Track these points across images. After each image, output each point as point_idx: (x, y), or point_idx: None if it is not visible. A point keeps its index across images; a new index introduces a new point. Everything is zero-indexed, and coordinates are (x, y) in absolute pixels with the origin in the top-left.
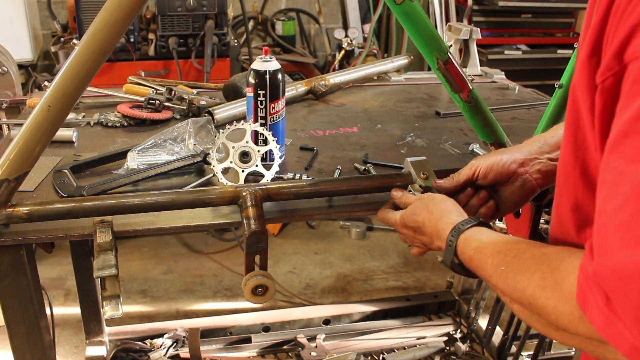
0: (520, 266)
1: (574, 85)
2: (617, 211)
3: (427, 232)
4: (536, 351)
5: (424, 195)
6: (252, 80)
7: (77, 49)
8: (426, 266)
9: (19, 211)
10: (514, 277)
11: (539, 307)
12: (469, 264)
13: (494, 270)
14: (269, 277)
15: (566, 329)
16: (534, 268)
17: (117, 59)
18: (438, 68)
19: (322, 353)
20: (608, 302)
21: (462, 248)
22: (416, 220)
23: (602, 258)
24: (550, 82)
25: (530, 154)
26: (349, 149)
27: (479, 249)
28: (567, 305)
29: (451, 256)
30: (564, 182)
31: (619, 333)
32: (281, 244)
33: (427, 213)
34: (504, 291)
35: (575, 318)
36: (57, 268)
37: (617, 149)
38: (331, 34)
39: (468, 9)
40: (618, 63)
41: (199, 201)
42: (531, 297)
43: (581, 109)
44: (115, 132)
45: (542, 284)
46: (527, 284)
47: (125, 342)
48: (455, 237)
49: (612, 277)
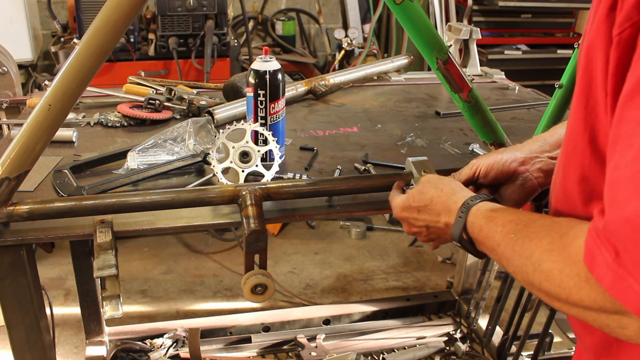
0: (530, 233)
1: (589, 46)
2: (633, 160)
3: (435, 209)
4: (536, 351)
5: (430, 176)
6: (252, 80)
7: (77, 48)
8: (426, 266)
9: (19, 209)
10: (522, 244)
11: (544, 272)
12: (478, 234)
13: (502, 238)
14: (269, 276)
15: (569, 295)
16: (544, 234)
17: (117, 59)
18: (438, 68)
19: (322, 353)
20: (617, 257)
21: (473, 219)
22: (423, 198)
23: (614, 209)
24: (550, 82)
25: (531, 153)
26: (349, 149)
27: (490, 218)
28: (573, 267)
29: (460, 229)
30: (572, 152)
31: (628, 288)
32: (281, 244)
33: (435, 190)
34: (510, 259)
35: (580, 281)
36: (57, 268)
37: (633, 100)
38: (331, 34)
39: (468, 9)
40: (638, 13)
41: (199, 200)
42: (537, 262)
43: (595, 71)
44: (115, 132)
45: (550, 247)
46: (535, 249)
47: (125, 342)
48: (467, 210)
49: (624, 227)
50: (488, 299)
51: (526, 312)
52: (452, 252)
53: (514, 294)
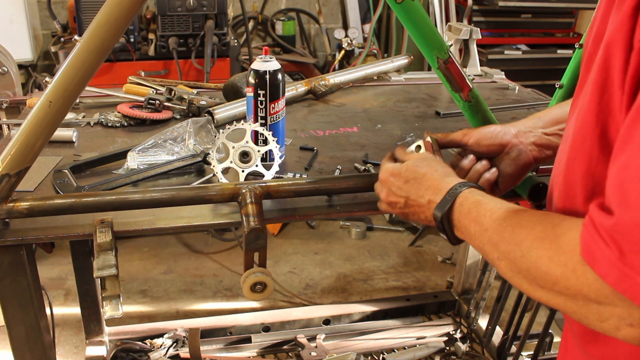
0: (520, 221)
1: (609, 42)
2: None
3: (423, 184)
4: (536, 351)
5: (428, 154)
6: (252, 80)
7: (78, 45)
8: (426, 266)
9: (19, 206)
10: (512, 230)
11: (533, 259)
12: (465, 216)
13: (491, 223)
14: (268, 274)
15: (554, 283)
16: (535, 223)
17: (117, 59)
18: (438, 67)
19: (322, 353)
20: (622, 256)
21: (462, 200)
22: (416, 171)
23: (625, 211)
24: (550, 82)
25: (524, 127)
26: (349, 149)
27: (479, 203)
28: (563, 256)
29: (445, 208)
30: (580, 145)
31: (636, 285)
32: (281, 244)
33: (429, 169)
34: (497, 244)
35: (567, 270)
36: (57, 268)
37: None
38: (331, 34)
39: (468, 9)
40: None
41: (199, 198)
42: (526, 248)
43: (613, 67)
44: (115, 132)
45: (542, 235)
46: (526, 236)
47: (125, 342)
48: (456, 192)
49: (635, 230)
50: (488, 299)
51: (526, 312)
52: (452, 252)
53: (514, 294)
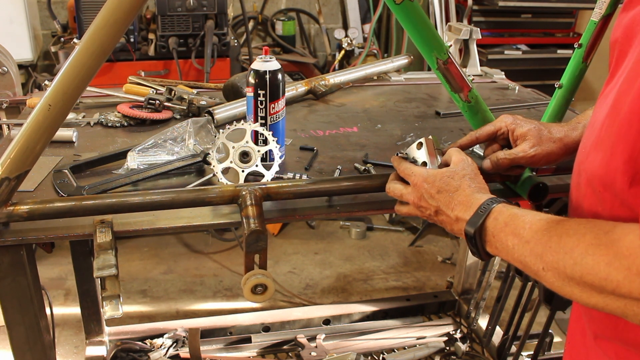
0: (567, 230)
1: None
2: None
3: (456, 199)
4: (536, 351)
5: (465, 159)
6: (252, 80)
7: (77, 48)
8: (426, 266)
9: (19, 209)
10: (559, 240)
11: (587, 266)
12: (501, 230)
13: (532, 235)
14: (269, 276)
15: (616, 287)
16: (584, 231)
17: (117, 59)
18: (438, 68)
19: (322, 353)
20: None
21: (497, 215)
22: (450, 183)
23: None
24: (550, 82)
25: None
26: (349, 149)
27: (516, 216)
28: (624, 261)
29: (478, 223)
30: (626, 131)
31: None
32: (281, 244)
33: (462, 182)
34: (542, 254)
35: (631, 274)
36: (57, 268)
37: None
38: (331, 34)
39: (468, 9)
40: None
41: (199, 200)
42: (579, 256)
43: None
44: (115, 132)
45: (596, 242)
46: (577, 244)
47: (125, 342)
48: (489, 207)
49: None
50: (488, 299)
51: (526, 312)
52: (452, 252)
53: (514, 294)
